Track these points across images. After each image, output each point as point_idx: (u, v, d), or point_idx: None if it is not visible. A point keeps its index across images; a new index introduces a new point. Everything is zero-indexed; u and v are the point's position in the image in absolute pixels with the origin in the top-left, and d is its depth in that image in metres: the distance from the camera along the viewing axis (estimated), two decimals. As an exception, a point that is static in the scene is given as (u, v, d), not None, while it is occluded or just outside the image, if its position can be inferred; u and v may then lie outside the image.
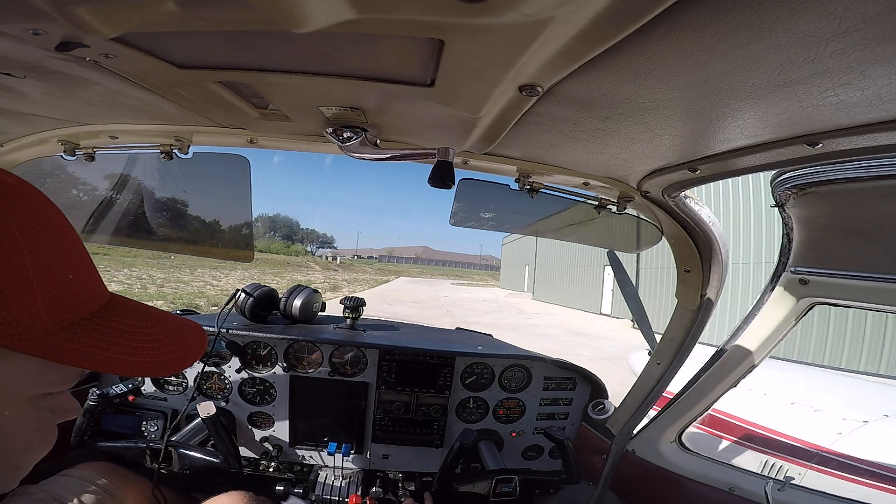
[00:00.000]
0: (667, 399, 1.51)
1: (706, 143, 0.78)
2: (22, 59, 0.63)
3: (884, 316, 8.39)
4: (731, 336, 1.32)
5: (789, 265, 1.13)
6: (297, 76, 0.66)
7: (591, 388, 1.79)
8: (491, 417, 1.73)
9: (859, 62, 0.46)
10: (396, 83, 0.65)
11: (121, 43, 0.57)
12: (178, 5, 0.44)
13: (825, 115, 0.59)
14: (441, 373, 1.66)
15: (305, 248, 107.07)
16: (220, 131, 1.02)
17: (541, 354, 1.78)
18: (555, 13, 0.41)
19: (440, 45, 0.50)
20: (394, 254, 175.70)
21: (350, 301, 1.82)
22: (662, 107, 0.65)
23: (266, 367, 1.64)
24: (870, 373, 8.59)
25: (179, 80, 0.70)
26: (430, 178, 0.87)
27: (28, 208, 0.39)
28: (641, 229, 1.33)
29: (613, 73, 0.56)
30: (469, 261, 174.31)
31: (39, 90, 0.79)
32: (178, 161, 1.12)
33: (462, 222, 1.31)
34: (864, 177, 0.80)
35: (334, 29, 0.45)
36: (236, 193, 1.28)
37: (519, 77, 0.57)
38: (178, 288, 17.16)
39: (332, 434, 1.63)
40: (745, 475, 1.35)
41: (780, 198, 0.97)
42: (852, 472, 2.42)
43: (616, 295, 19.64)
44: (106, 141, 1.09)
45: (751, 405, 3.05)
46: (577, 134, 0.81)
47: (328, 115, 0.83)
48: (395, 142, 0.98)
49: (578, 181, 1.09)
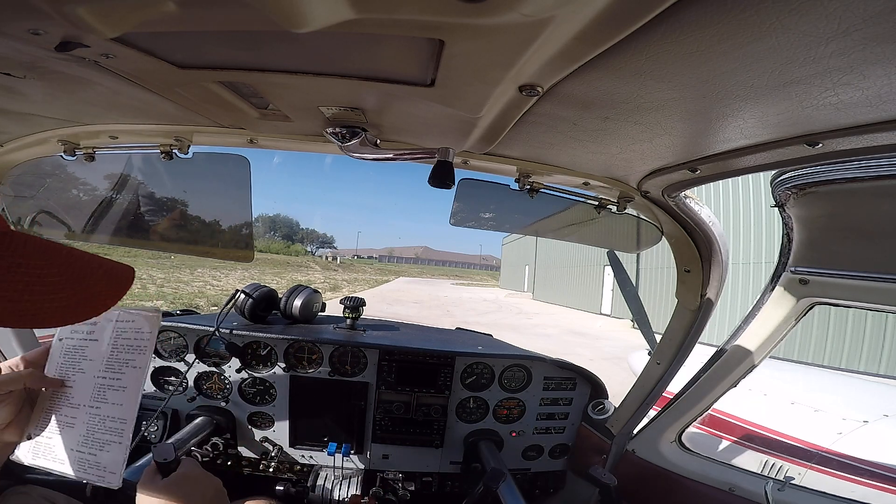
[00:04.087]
0: (667, 399, 1.51)
1: (706, 143, 0.78)
2: (22, 59, 0.63)
3: (884, 316, 8.38)
4: (731, 336, 1.32)
5: (789, 265, 1.13)
6: (297, 76, 0.66)
7: (591, 388, 1.79)
8: (491, 417, 1.73)
9: (859, 62, 0.46)
10: (396, 83, 0.65)
11: (121, 43, 0.57)
12: (178, 5, 0.44)
13: (825, 115, 0.59)
14: (441, 373, 1.66)
15: (305, 248, 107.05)
16: (220, 131, 1.02)
17: (541, 354, 1.78)
18: (555, 13, 0.41)
19: (440, 45, 0.50)
20: (394, 254, 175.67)
21: (350, 301, 1.82)
22: (662, 107, 0.65)
23: (266, 367, 1.64)
24: (870, 373, 8.59)
25: (179, 80, 0.70)
26: (430, 178, 0.87)
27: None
28: (641, 229, 1.33)
29: (613, 73, 0.56)
30: (469, 261, 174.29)
31: (39, 90, 0.79)
32: (178, 161, 1.13)
33: (462, 222, 1.31)
34: (864, 177, 0.80)
35: (334, 29, 0.45)
36: (236, 193, 1.28)
37: (519, 77, 0.57)
38: (178, 288, 17.17)
39: (332, 434, 1.63)
40: (745, 475, 1.35)
41: (780, 198, 0.97)
42: (852, 472, 2.42)
43: (616, 295, 19.64)
44: (106, 141, 1.09)
45: (751, 405, 3.05)
46: (577, 134, 0.81)
47: (328, 115, 0.83)
48: (395, 142, 0.98)
49: (578, 181, 1.09)
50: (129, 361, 0.85)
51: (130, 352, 0.87)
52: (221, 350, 1.60)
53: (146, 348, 0.86)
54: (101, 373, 0.85)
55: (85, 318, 0.40)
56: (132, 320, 0.89)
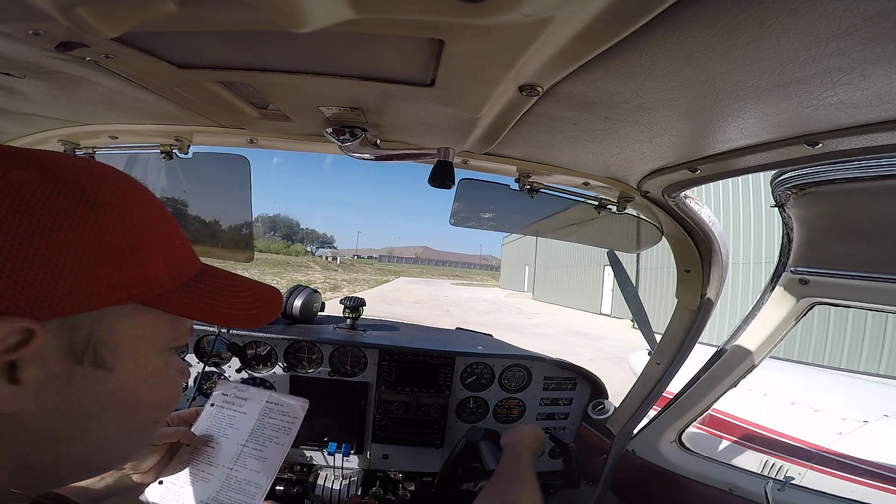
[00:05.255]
0: (667, 399, 1.51)
1: (706, 143, 0.78)
2: (22, 59, 0.63)
3: (884, 316, 8.38)
4: (731, 336, 1.32)
5: (789, 265, 1.13)
6: (297, 76, 0.66)
7: (591, 388, 1.79)
8: (491, 417, 1.73)
9: (859, 62, 0.46)
10: (396, 83, 0.65)
11: (121, 43, 0.57)
12: (178, 5, 0.44)
13: (825, 115, 0.59)
14: (441, 373, 1.66)
15: (305, 248, 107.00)
16: (220, 131, 1.02)
17: (541, 354, 1.78)
18: (555, 13, 0.41)
19: (440, 45, 0.50)
20: (394, 254, 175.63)
21: (350, 301, 1.82)
22: (662, 107, 0.65)
23: (266, 367, 1.64)
24: (870, 373, 8.59)
25: (179, 80, 0.70)
26: (430, 178, 0.87)
27: (143, 188, 0.48)
28: (641, 229, 1.33)
29: (613, 73, 0.56)
30: (469, 261, 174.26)
31: (39, 90, 0.79)
32: (178, 161, 1.12)
33: (462, 222, 1.31)
34: (864, 177, 0.80)
35: (334, 29, 0.45)
36: (236, 193, 1.28)
37: (519, 77, 0.57)
38: (178, 288, 17.12)
39: (331, 434, 1.63)
40: (745, 475, 1.35)
41: (780, 198, 0.97)
42: (852, 472, 2.42)
43: (616, 295, 19.64)
44: (106, 141, 1.09)
45: (751, 405, 3.06)
46: (577, 134, 0.81)
47: (328, 115, 0.83)
48: (395, 142, 0.98)
49: (578, 181, 1.09)
50: (274, 438, 0.98)
51: (276, 430, 0.99)
52: (222, 350, 1.60)
53: (291, 430, 0.99)
54: (245, 442, 0.97)
55: (269, 321, 0.54)
56: (281, 404, 1.03)
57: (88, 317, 0.40)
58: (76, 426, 0.42)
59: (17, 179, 0.36)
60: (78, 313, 0.39)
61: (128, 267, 0.41)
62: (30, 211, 0.36)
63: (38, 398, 0.38)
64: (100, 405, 0.42)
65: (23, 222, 0.35)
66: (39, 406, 0.38)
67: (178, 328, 0.49)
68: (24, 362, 0.37)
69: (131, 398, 0.45)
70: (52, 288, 0.36)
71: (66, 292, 0.37)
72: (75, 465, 0.45)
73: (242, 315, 0.51)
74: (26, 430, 0.39)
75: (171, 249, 0.47)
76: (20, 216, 0.35)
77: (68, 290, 0.37)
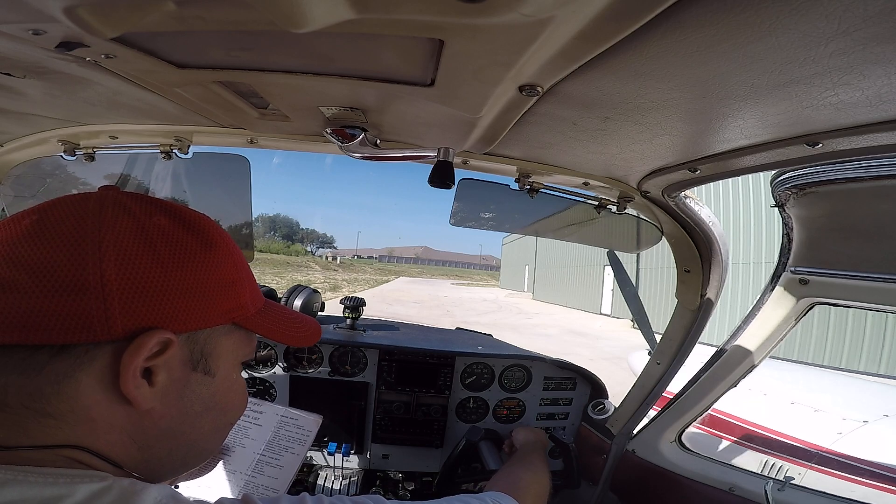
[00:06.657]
0: (667, 399, 1.51)
1: (706, 143, 0.78)
2: (22, 59, 0.63)
3: (884, 316, 8.38)
4: (731, 336, 1.32)
5: (789, 265, 1.13)
6: (296, 76, 0.66)
7: (591, 388, 1.79)
8: (491, 417, 1.73)
9: (859, 62, 0.46)
10: (396, 83, 0.65)
11: (121, 43, 0.57)
12: (178, 5, 0.44)
13: (825, 115, 0.59)
14: (441, 373, 1.66)
15: (305, 248, 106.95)
16: (220, 131, 1.02)
17: (541, 354, 1.78)
18: (555, 13, 0.41)
19: (440, 45, 0.50)
20: (394, 254, 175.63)
21: (350, 301, 1.82)
22: (662, 107, 0.65)
23: (266, 367, 1.64)
24: (870, 373, 8.59)
25: (179, 80, 0.70)
26: (430, 178, 0.87)
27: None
28: (641, 229, 1.33)
29: (613, 73, 0.56)
30: (469, 261, 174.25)
31: (39, 90, 0.79)
32: (178, 161, 1.12)
33: (462, 222, 1.31)
34: (864, 177, 0.80)
35: (334, 29, 0.45)
36: (236, 193, 1.28)
37: (519, 77, 0.57)
38: (178, 288, 17.13)
39: (331, 434, 1.63)
40: (745, 475, 1.35)
41: (780, 198, 0.97)
42: (852, 472, 2.42)
43: (616, 295, 19.64)
44: (106, 141, 1.09)
45: (751, 405, 3.06)
46: (577, 134, 0.81)
47: (328, 115, 0.83)
48: (395, 142, 0.98)
49: (578, 181, 1.09)
50: (289, 448, 1.05)
51: (291, 441, 1.07)
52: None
53: (306, 441, 1.08)
54: (262, 451, 1.04)
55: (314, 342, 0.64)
56: (296, 419, 1.11)
57: (204, 333, 0.49)
58: (186, 423, 0.49)
59: (160, 223, 0.46)
60: (200, 329, 0.48)
61: (231, 295, 0.50)
62: (176, 248, 0.46)
63: (163, 398, 0.46)
64: (204, 405, 0.51)
65: (172, 257, 0.45)
66: (164, 405, 0.46)
67: (251, 345, 0.57)
68: (158, 367, 0.44)
69: (223, 401, 0.53)
70: (188, 309, 0.46)
71: (195, 313, 0.47)
72: (178, 461, 0.52)
73: (298, 336, 0.61)
74: (154, 426, 0.46)
75: (252, 282, 0.56)
76: (170, 251, 0.45)
77: (197, 312, 0.47)
